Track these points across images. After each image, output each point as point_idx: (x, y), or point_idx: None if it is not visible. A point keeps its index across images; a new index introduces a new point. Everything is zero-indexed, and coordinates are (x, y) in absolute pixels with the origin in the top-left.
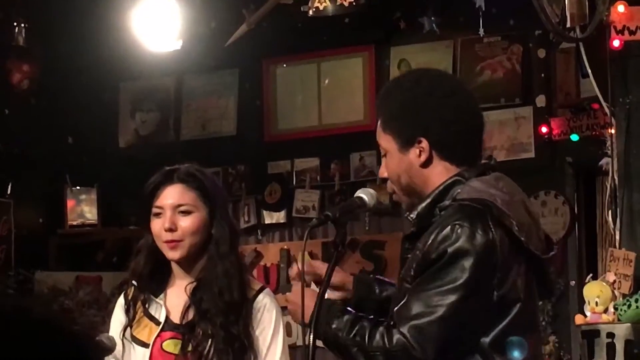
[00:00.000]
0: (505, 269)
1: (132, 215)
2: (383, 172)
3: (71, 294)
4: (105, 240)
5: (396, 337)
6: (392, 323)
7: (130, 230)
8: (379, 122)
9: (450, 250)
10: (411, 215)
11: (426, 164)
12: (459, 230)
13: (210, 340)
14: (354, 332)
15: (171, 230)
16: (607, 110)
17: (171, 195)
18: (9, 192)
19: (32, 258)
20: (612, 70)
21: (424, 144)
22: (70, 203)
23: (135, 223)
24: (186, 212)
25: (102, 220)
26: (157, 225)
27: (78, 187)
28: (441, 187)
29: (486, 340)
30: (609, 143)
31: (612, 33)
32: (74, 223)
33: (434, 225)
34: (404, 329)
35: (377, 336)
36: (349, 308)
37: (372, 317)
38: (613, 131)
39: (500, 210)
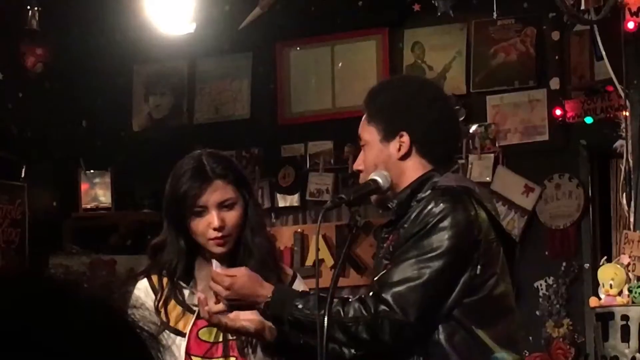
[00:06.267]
0: (486, 244)
1: (146, 198)
2: (359, 164)
3: (86, 277)
4: (119, 223)
5: (376, 305)
6: (363, 296)
7: (144, 214)
8: (364, 116)
9: (432, 221)
10: (391, 204)
11: (404, 157)
12: (441, 205)
13: None
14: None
15: (221, 228)
16: (621, 93)
17: (213, 192)
18: (22, 175)
19: (46, 242)
20: (626, 53)
21: (405, 138)
22: (84, 186)
23: (149, 206)
24: (230, 207)
25: (116, 204)
26: (202, 225)
27: (92, 171)
28: (419, 179)
29: (463, 309)
30: (623, 125)
31: (627, 15)
32: (88, 206)
33: (413, 210)
34: (386, 295)
35: (353, 309)
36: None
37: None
38: (627, 113)
39: (479, 196)
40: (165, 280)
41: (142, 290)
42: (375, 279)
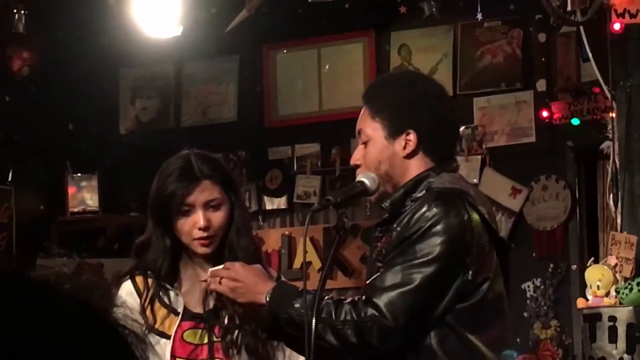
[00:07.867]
0: (478, 249)
1: (133, 201)
2: (358, 159)
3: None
4: (106, 227)
5: (366, 309)
6: (356, 299)
7: (132, 217)
8: (366, 110)
9: (424, 226)
10: (385, 203)
11: (410, 155)
12: (434, 209)
13: (237, 327)
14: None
15: (207, 228)
16: (607, 94)
17: (201, 192)
18: (9, 179)
19: (33, 245)
20: (612, 54)
21: (412, 136)
22: (71, 190)
23: (136, 210)
24: (216, 207)
25: (103, 207)
26: (188, 224)
27: (79, 174)
28: (414, 180)
29: (455, 314)
30: (609, 127)
31: (613, 16)
32: (75, 210)
33: (407, 211)
34: (377, 300)
35: (344, 312)
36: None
37: (331, 297)
38: (614, 115)
39: (473, 199)
40: (150, 281)
41: (126, 292)
42: (368, 282)
